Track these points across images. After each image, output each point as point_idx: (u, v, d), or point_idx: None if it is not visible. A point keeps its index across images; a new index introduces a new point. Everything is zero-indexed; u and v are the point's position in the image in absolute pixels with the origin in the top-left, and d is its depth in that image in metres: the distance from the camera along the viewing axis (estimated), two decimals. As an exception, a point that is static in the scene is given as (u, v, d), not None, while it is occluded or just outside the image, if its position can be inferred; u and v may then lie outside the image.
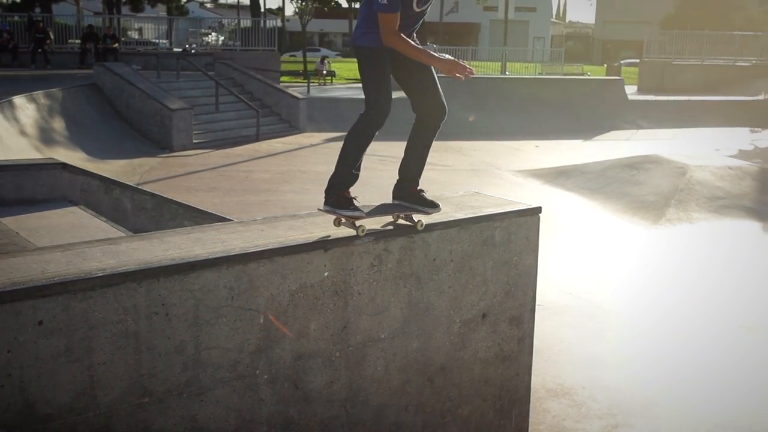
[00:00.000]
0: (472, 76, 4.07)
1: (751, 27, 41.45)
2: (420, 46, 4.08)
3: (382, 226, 4.22)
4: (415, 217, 4.30)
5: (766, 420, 5.92)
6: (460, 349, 4.63)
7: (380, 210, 4.26)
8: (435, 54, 4.09)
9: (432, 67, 4.20)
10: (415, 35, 4.22)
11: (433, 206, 4.29)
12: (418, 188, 4.36)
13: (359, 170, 4.25)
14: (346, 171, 4.20)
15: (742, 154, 19.76)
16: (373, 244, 4.06)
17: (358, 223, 4.07)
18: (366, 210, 4.14)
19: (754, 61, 35.96)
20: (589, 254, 10.51)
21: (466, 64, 4.02)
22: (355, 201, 4.10)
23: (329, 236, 3.97)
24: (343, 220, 4.09)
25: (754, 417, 5.96)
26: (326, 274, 3.91)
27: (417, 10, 4.07)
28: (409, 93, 4.40)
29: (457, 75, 4.02)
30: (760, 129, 25.73)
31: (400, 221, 4.32)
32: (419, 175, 4.42)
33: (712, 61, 35.03)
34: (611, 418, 5.84)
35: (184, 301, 3.45)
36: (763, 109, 28.21)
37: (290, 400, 3.92)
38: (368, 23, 4.08)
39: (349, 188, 4.15)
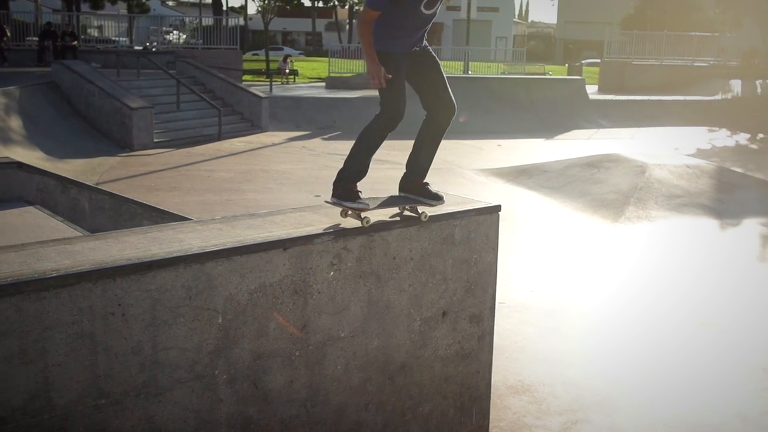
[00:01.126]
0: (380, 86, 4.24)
1: (708, 28, 42.10)
2: (372, 49, 4.19)
3: (390, 217, 4.43)
4: (420, 209, 4.48)
5: (721, 413, 6.01)
6: (421, 347, 4.64)
7: (386, 202, 4.46)
8: (375, 58, 4.18)
9: (436, 69, 4.51)
10: (426, 37, 4.47)
11: (437, 199, 4.50)
12: (424, 181, 4.58)
13: (368, 167, 4.46)
14: (355, 166, 4.39)
15: (700, 153, 20.10)
16: (332, 242, 4.05)
17: (363, 214, 4.24)
18: (373, 203, 4.35)
19: (711, 62, 36.58)
20: (550, 252, 10.60)
21: (384, 79, 4.18)
22: (360, 194, 4.30)
23: (289, 235, 3.96)
24: (349, 212, 4.28)
25: (710, 410, 6.06)
26: (285, 273, 3.89)
27: (426, 12, 4.23)
28: (423, 92, 4.58)
29: (372, 81, 4.23)
30: (717, 128, 26.16)
31: (406, 212, 4.50)
32: (427, 170, 4.66)
33: (671, 61, 35.56)
34: (571, 413, 5.90)
35: (141, 301, 3.42)
36: (720, 108, 28.70)
37: (250, 400, 3.91)
38: (385, 28, 4.20)
39: (356, 182, 4.35)
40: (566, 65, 44.17)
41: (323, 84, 31.66)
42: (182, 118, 20.62)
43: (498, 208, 4.86)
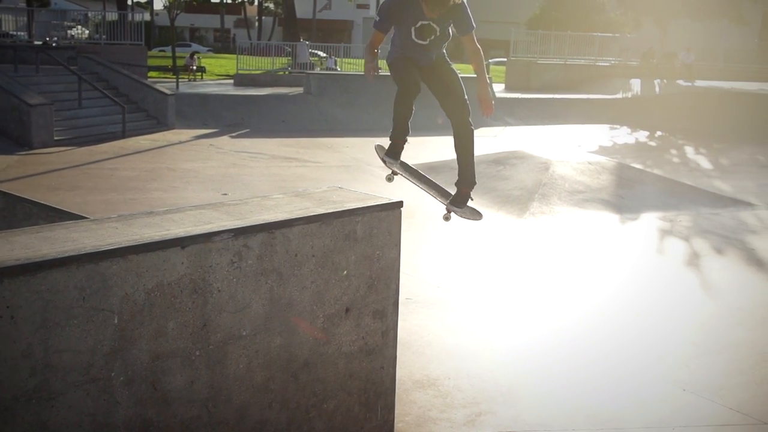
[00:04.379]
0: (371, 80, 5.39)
1: (610, 29, 43.42)
2: (370, 52, 5.33)
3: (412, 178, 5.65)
4: (449, 211, 5.58)
5: (620, 401, 6.21)
6: (324, 344, 4.64)
7: (414, 173, 5.72)
8: (369, 58, 5.30)
9: (452, 68, 5.39)
10: (435, 54, 5.28)
11: (462, 210, 5.55)
12: (470, 191, 5.51)
13: (407, 129, 5.44)
14: (395, 128, 5.45)
15: (602, 150, 20.69)
16: (232, 240, 4.01)
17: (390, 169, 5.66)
18: (402, 168, 5.69)
19: (612, 61, 37.73)
20: (458, 248, 10.74)
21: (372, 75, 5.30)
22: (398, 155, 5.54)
23: (188, 233, 3.89)
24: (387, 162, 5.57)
25: (610, 398, 6.25)
26: (183, 272, 3.83)
27: (417, 41, 5.07)
28: (436, 96, 5.41)
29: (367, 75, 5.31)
30: (618, 126, 26.98)
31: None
32: (466, 176, 5.51)
33: (575, 60, 36.49)
34: (475, 406, 5.99)
35: (31, 302, 3.31)
36: (621, 107, 29.62)
37: (148, 402, 3.83)
38: (393, 46, 5.25)
39: (399, 140, 5.46)
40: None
41: (231, 81, 31.27)
42: (84, 116, 20.06)
43: (400, 204, 4.90)
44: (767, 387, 6.64)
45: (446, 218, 5.78)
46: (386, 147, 5.61)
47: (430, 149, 16.40)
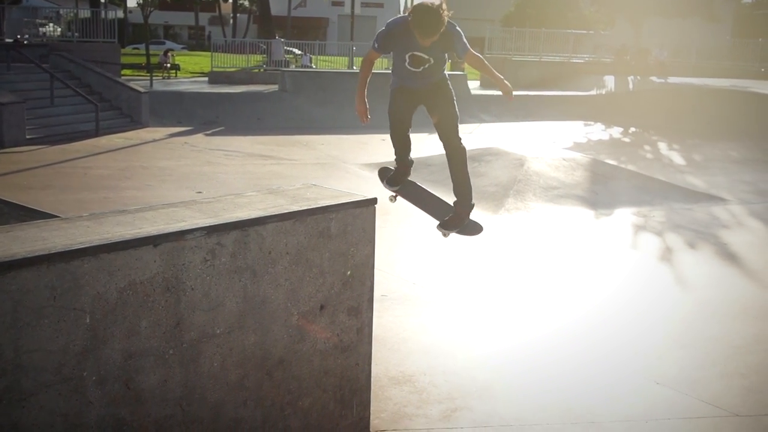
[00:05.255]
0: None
1: (584, 26, 43.70)
2: (362, 89, 5.55)
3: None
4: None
5: (595, 395, 6.25)
6: (299, 341, 4.63)
7: (422, 198, 5.94)
8: (361, 98, 5.56)
9: (447, 93, 5.48)
10: (431, 79, 5.40)
11: (461, 230, 5.76)
12: (466, 213, 5.72)
13: (403, 154, 5.87)
14: (395, 153, 5.91)
15: (576, 146, 20.81)
16: (205, 238, 3.99)
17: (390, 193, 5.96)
18: (403, 189, 5.98)
19: (587, 58, 37.95)
20: (433, 245, 10.73)
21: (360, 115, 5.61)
22: (400, 178, 5.97)
23: (160, 231, 3.87)
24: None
25: (585, 392, 6.29)
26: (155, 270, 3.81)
27: (411, 69, 5.23)
28: (430, 116, 5.59)
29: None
30: (592, 122, 27.15)
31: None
32: (462, 195, 5.71)
33: (549, 57, 36.67)
34: (451, 402, 6.01)
35: (1, 303, 3.27)
36: (595, 103, 29.80)
37: (121, 401, 3.80)
38: (393, 73, 5.48)
39: (401, 165, 5.94)
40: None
41: (206, 79, 31.11)
42: (57, 114, 19.85)
43: (374, 201, 4.90)
44: (740, 379, 6.72)
45: (445, 235, 5.87)
46: (391, 169, 6.03)
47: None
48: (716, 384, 6.58)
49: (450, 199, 5.92)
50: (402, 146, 5.79)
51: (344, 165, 16.85)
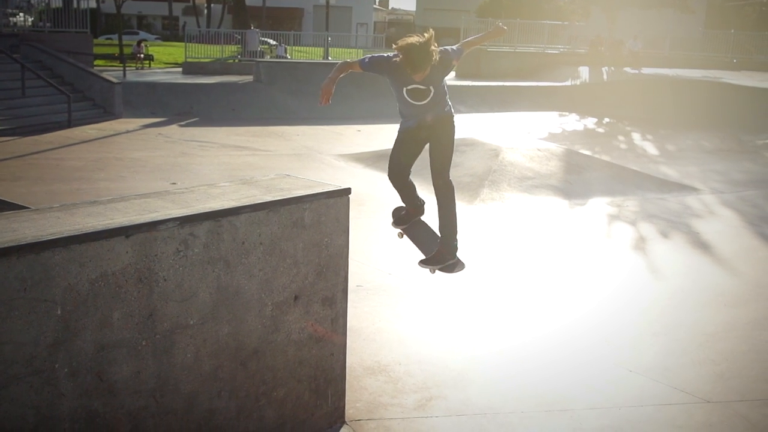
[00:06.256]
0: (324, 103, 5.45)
1: (559, 17, 43.82)
2: (336, 75, 5.44)
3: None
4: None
5: (569, 382, 6.31)
6: (273, 331, 4.63)
7: (425, 239, 5.93)
8: (332, 80, 5.39)
9: (450, 132, 5.42)
10: (436, 111, 5.32)
11: (442, 267, 5.67)
12: (448, 255, 5.62)
13: (413, 196, 5.92)
14: (401, 198, 5.94)
15: (551, 137, 20.90)
16: (177, 228, 3.97)
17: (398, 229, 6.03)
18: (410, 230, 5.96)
19: (561, 49, 38.07)
20: (408, 235, 10.76)
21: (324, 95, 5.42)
22: (406, 217, 6.05)
23: (132, 222, 3.84)
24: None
25: (559, 380, 6.34)
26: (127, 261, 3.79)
27: (411, 102, 5.18)
28: (429, 150, 5.51)
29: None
30: (567, 113, 27.27)
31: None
32: (448, 237, 5.63)
33: (524, 48, 36.74)
34: (426, 391, 6.03)
35: (-30, 294, 3.25)
36: (570, 94, 29.92)
37: (94, 393, 3.79)
38: (399, 112, 5.44)
39: (408, 206, 6.02)
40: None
41: (180, 70, 30.86)
42: (28, 105, 19.63)
43: (348, 191, 4.90)
44: (710, 366, 6.80)
45: (431, 271, 5.81)
46: (403, 209, 6.14)
47: (382, 137, 16.42)
48: (688, 371, 6.66)
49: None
50: (402, 190, 5.79)
51: (320, 156, 16.82)
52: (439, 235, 5.69)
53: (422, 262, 5.75)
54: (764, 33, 39.57)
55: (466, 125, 23.28)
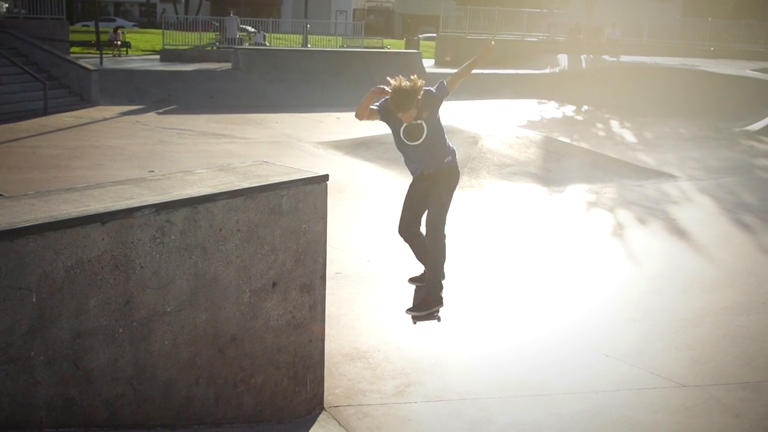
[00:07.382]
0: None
1: (538, 4, 43.79)
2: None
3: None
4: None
5: (544, 369, 6.35)
6: (251, 318, 4.63)
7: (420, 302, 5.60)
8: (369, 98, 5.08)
9: (452, 184, 5.40)
10: (438, 160, 5.32)
11: (423, 314, 5.50)
12: (434, 302, 5.46)
13: (419, 252, 5.65)
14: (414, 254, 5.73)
15: (530, 124, 20.96)
16: (154, 215, 3.95)
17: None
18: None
19: (540, 37, 38.12)
20: (387, 222, 10.75)
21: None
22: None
23: (108, 209, 3.82)
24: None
25: (534, 366, 6.38)
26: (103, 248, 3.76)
27: (408, 142, 5.23)
28: (428, 200, 5.44)
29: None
30: (546, 101, 27.34)
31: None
32: (433, 285, 5.48)
33: (504, 36, 36.73)
34: (404, 377, 6.06)
35: (-57, 282, 3.22)
36: (548, 82, 29.98)
37: (70, 381, 3.77)
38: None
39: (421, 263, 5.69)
40: (404, 39, 44.77)
41: (158, 57, 30.59)
42: (4, 92, 19.36)
43: (325, 177, 4.89)
44: (687, 351, 6.87)
45: (414, 320, 5.62)
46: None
47: (362, 124, 16.33)
48: (664, 356, 6.73)
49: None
50: (412, 245, 5.63)
51: (299, 143, 16.76)
52: (426, 279, 5.60)
53: (410, 309, 5.60)
54: (741, 21, 39.81)
55: (445, 112, 23.26)
